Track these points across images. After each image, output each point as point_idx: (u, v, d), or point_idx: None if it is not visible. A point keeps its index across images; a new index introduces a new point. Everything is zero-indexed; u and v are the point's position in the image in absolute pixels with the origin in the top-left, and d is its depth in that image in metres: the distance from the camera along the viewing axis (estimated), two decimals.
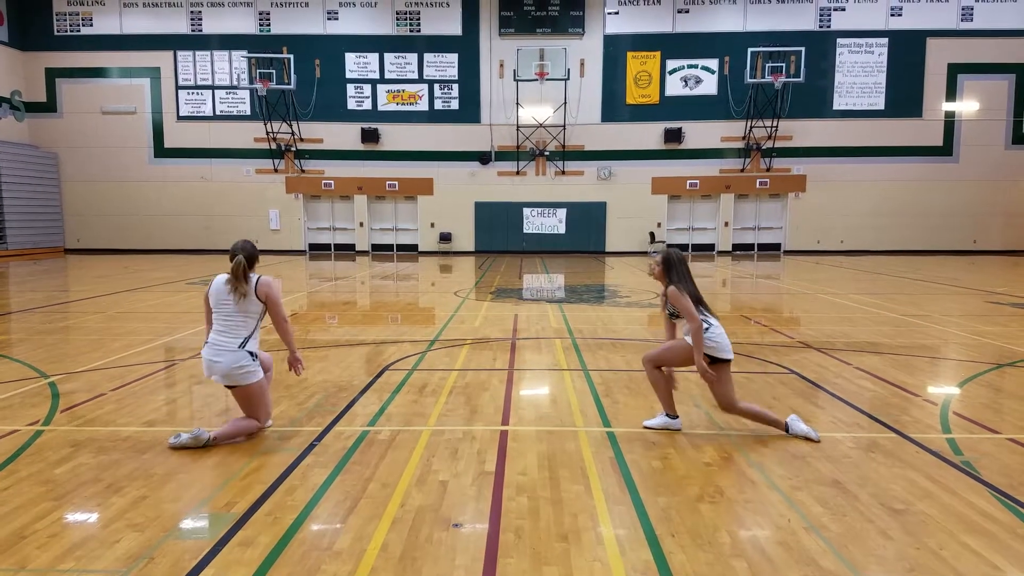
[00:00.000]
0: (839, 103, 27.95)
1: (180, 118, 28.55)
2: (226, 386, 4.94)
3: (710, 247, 29.22)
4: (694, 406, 5.82)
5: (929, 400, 6.11)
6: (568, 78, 27.19)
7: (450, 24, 27.89)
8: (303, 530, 3.58)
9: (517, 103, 27.80)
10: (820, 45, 27.50)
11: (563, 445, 4.85)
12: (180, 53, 28.22)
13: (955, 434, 5.12)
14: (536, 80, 27.17)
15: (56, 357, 7.90)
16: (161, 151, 28.65)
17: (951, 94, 27.76)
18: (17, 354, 8.08)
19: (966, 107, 27.84)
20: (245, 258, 4.82)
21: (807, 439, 4.92)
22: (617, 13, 27.67)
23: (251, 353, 4.85)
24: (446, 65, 28.10)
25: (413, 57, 28.07)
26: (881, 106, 27.88)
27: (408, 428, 5.25)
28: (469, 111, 28.34)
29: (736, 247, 29.15)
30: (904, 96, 27.76)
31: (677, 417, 5.17)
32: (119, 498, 3.95)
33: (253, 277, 4.89)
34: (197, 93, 28.40)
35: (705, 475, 4.28)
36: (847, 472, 4.34)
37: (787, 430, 4.99)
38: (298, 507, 3.84)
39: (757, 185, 28.35)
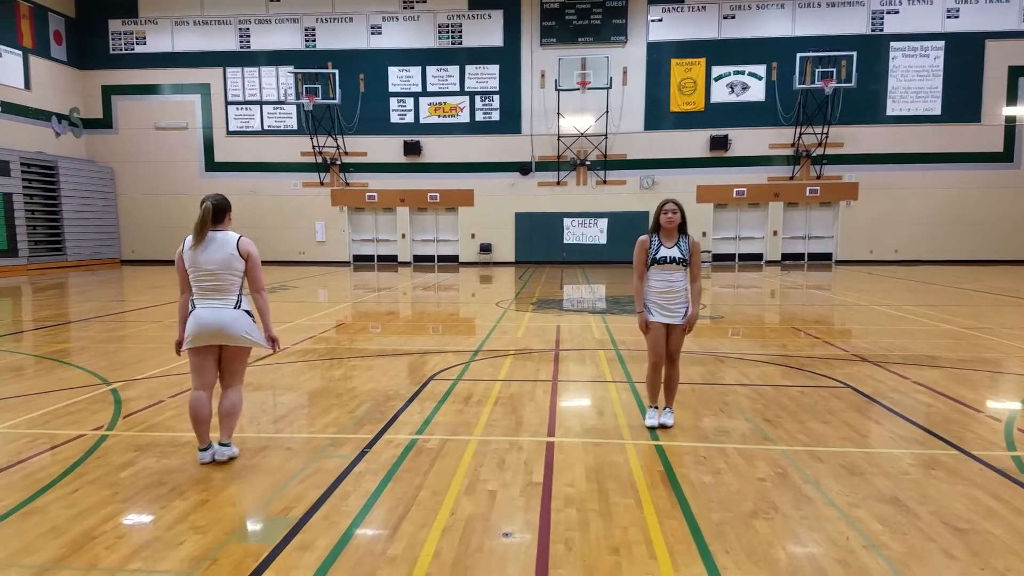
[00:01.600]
0: (893, 108, 27.30)
1: (229, 133, 29.24)
2: (217, 345, 4.60)
3: (758, 257, 28.77)
4: (744, 420, 5.74)
5: (992, 416, 5.92)
6: (610, 87, 27.08)
7: (491, 36, 28.08)
8: (358, 535, 3.64)
9: (558, 113, 27.81)
10: (873, 49, 26.90)
11: (611, 457, 4.82)
12: (229, 69, 28.93)
13: (1020, 451, 4.96)
14: (578, 89, 27.14)
15: (116, 365, 8.15)
16: (211, 165, 29.37)
17: (1012, 98, 26.82)
18: (80, 361, 8.36)
19: None
20: (212, 206, 4.51)
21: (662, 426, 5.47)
22: (661, 20, 27.52)
23: (247, 312, 4.61)
24: (487, 77, 28.28)
25: (455, 69, 28.31)
26: (937, 111, 27.13)
27: (455, 437, 5.29)
28: (510, 122, 28.45)
29: (785, 257, 28.65)
30: (962, 101, 26.95)
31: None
32: (181, 501, 4.07)
33: (233, 235, 4.58)
34: (245, 108, 29.08)
35: (759, 491, 4.22)
36: (907, 489, 4.23)
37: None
38: (352, 513, 3.90)
39: (807, 193, 27.84)
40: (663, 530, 3.67)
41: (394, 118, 28.68)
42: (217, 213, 4.56)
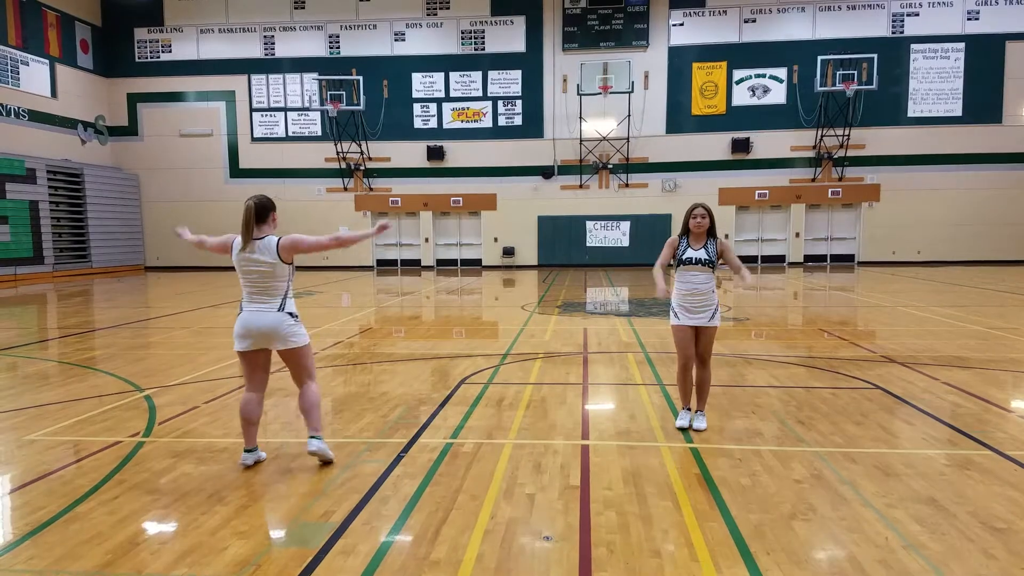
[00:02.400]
0: (914, 110, 27.10)
1: (254, 139, 29.58)
2: (266, 350, 4.73)
3: (781, 258, 28.63)
4: (777, 422, 5.74)
5: (1023, 416, 5.89)
6: (632, 91, 27.11)
7: (514, 41, 28.21)
8: (400, 539, 3.68)
9: (580, 117, 27.87)
10: (893, 51, 26.76)
11: (646, 460, 4.84)
12: (254, 77, 29.29)
13: None
14: (600, 94, 27.17)
15: (148, 371, 8.27)
16: (236, 171, 29.69)
17: None
18: (111, 368, 8.49)
19: None
20: (255, 205, 4.57)
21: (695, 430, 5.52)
22: (682, 25, 27.52)
23: (291, 314, 4.67)
24: (510, 82, 28.40)
25: (477, 75, 28.47)
26: (959, 112, 26.92)
27: (490, 441, 5.33)
28: (532, 126, 28.55)
29: (808, 258, 28.48)
30: (983, 102, 26.74)
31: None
32: (223, 507, 4.13)
33: (272, 239, 4.60)
34: (270, 115, 29.41)
35: (796, 492, 4.23)
36: (943, 490, 4.23)
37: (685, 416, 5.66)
38: (392, 517, 3.95)
39: (829, 195, 27.67)
40: (703, 532, 3.69)
41: (417, 123, 28.88)
42: (260, 212, 4.61)
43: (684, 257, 5.43)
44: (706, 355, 5.53)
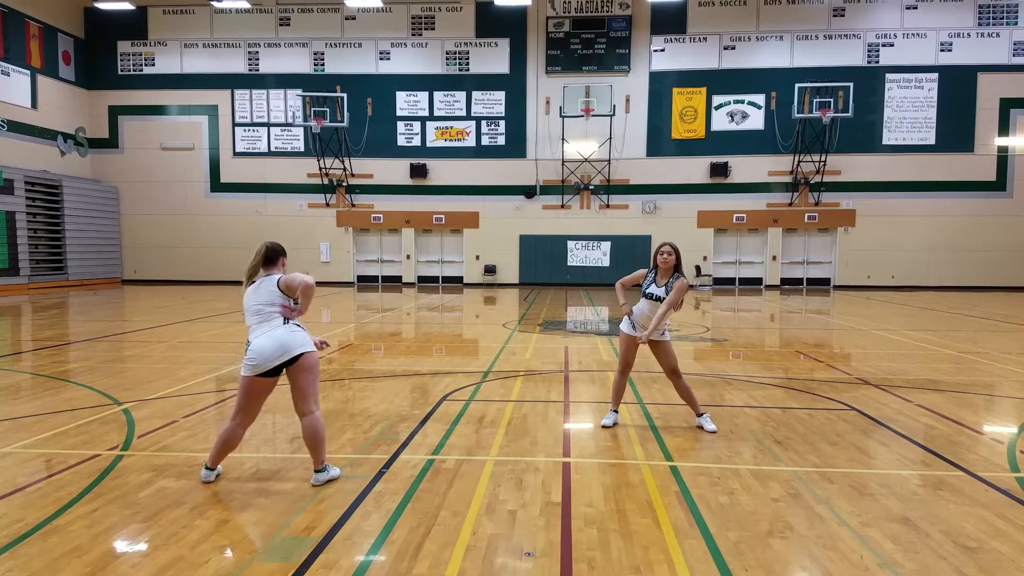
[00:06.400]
0: (888, 138, 27.68)
1: (236, 154, 29.49)
2: (281, 367, 4.64)
3: (758, 281, 28.96)
4: (755, 441, 5.82)
5: (995, 438, 6.02)
6: (613, 114, 27.44)
7: (498, 63, 28.49)
8: (382, 554, 3.70)
9: (563, 138, 28.14)
10: (869, 80, 27.36)
11: (627, 478, 4.90)
12: (237, 92, 29.26)
13: (1023, 472, 5.05)
14: (582, 116, 27.49)
15: (126, 385, 8.19)
16: (217, 186, 29.57)
17: (1004, 129, 27.28)
18: (88, 381, 8.39)
19: (1020, 142, 27.31)
20: (265, 249, 4.75)
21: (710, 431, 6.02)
22: (663, 50, 27.97)
23: (298, 325, 4.72)
24: (493, 102, 28.64)
25: (461, 95, 28.69)
26: (932, 141, 27.53)
27: (471, 458, 5.35)
28: (515, 147, 28.77)
29: (784, 281, 28.84)
30: (955, 131, 27.39)
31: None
32: (203, 521, 4.12)
33: (273, 276, 4.75)
34: (253, 130, 29.36)
35: (773, 511, 4.30)
36: (916, 509, 4.32)
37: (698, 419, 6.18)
38: (374, 532, 3.96)
39: (805, 219, 28.11)
40: (683, 549, 3.75)
41: (401, 141, 29.00)
42: (270, 256, 4.76)
43: (647, 292, 6.04)
44: (674, 366, 6.07)
